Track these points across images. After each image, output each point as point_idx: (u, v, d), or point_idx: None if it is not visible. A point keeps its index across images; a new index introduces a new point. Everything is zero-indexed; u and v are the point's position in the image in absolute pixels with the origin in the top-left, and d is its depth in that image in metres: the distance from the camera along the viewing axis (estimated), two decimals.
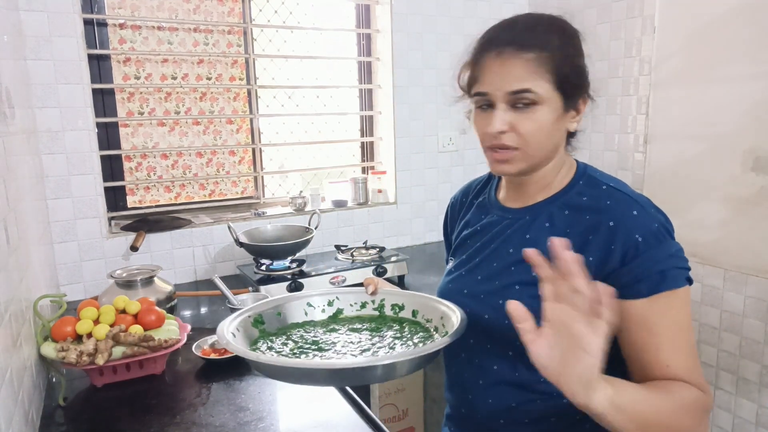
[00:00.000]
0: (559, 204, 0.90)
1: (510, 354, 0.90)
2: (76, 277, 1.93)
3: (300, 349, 0.94)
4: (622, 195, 0.85)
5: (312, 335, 0.99)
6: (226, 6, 2.20)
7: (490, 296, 0.92)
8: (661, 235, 0.81)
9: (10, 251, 1.04)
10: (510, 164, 0.87)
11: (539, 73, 0.82)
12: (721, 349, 2.01)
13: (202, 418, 1.11)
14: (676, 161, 2.08)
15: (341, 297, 1.09)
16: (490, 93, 0.84)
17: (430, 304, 1.01)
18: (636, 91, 2.20)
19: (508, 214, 0.96)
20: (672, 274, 0.79)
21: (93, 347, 1.18)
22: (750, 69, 1.82)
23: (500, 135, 0.84)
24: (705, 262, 2.02)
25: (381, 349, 0.93)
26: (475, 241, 1.00)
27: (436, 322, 0.98)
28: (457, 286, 0.99)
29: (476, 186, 1.09)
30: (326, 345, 0.95)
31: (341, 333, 1.00)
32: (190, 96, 2.20)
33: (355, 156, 2.61)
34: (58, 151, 1.85)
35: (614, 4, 2.24)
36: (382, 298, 1.07)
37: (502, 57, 0.83)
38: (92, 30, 1.97)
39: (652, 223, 0.82)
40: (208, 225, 2.14)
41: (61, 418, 1.15)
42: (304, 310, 1.06)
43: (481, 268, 0.96)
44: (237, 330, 0.93)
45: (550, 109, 0.84)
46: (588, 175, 0.92)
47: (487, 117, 0.86)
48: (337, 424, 1.12)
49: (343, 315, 1.07)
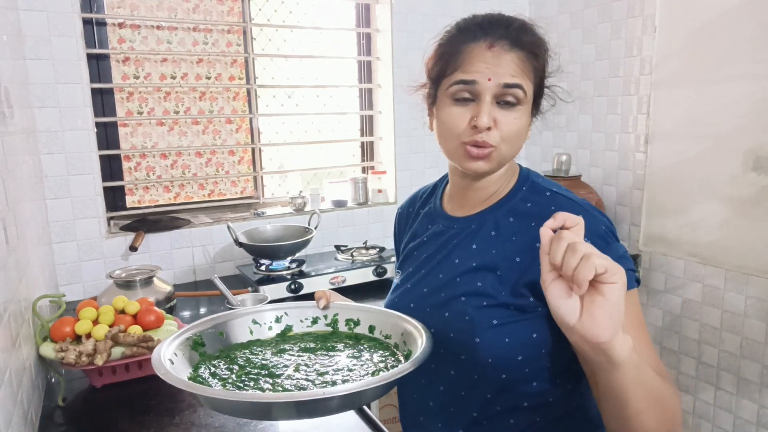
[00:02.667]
0: (504, 211, 0.88)
1: (452, 373, 0.87)
2: (75, 278, 1.93)
3: (247, 375, 0.82)
4: (566, 200, 0.85)
5: (260, 357, 0.88)
6: (226, 5, 2.20)
7: (435, 309, 0.89)
8: (609, 237, 0.81)
9: (9, 251, 1.03)
10: (486, 162, 0.83)
11: (526, 74, 0.82)
12: (722, 350, 2.01)
13: (202, 419, 1.11)
14: (677, 161, 2.08)
15: (290, 312, 1.00)
16: (480, 82, 0.80)
17: (389, 319, 0.93)
18: (637, 91, 2.20)
19: (453, 223, 0.93)
20: None
21: (92, 347, 1.18)
22: (751, 69, 1.82)
23: (486, 131, 0.80)
24: (706, 263, 2.02)
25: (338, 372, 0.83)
26: (422, 252, 0.96)
27: (396, 338, 0.91)
28: (403, 300, 0.96)
29: (422, 195, 1.06)
30: (277, 369, 0.84)
31: (293, 353, 0.90)
32: (190, 95, 2.19)
33: (355, 156, 2.61)
34: (57, 150, 1.85)
35: (615, 4, 2.24)
36: (336, 313, 1.00)
37: (494, 50, 0.80)
38: (91, 29, 1.97)
39: (598, 226, 0.81)
40: (208, 225, 2.13)
41: (60, 419, 1.15)
42: (249, 328, 0.96)
43: (427, 280, 0.93)
44: (175, 355, 0.82)
45: (527, 111, 0.84)
46: (531, 181, 0.90)
47: (466, 110, 0.81)
48: (336, 424, 1.11)
49: (292, 332, 0.98)
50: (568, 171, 2.27)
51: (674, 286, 2.15)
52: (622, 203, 2.31)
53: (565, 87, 0.88)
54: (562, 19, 2.49)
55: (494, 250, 0.85)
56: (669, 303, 2.18)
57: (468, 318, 0.82)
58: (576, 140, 2.50)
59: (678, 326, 2.16)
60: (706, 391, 2.08)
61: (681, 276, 2.12)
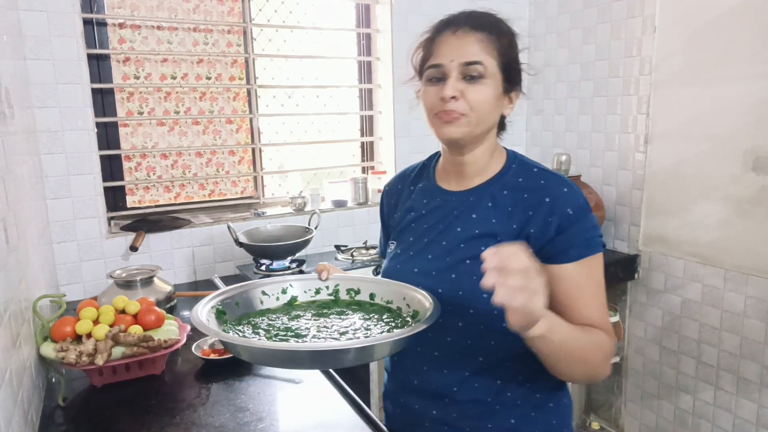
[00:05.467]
0: (498, 186, 1.00)
1: (460, 325, 0.98)
2: (76, 277, 1.93)
3: (276, 336, 0.93)
4: (553, 175, 0.98)
5: (280, 323, 0.98)
6: (226, 5, 2.20)
7: (442, 272, 1.00)
8: (587, 208, 0.95)
9: (10, 251, 1.03)
10: (456, 126, 0.94)
11: (488, 51, 0.93)
12: (722, 349, 2.01)
13: (202, 419, 1.11)
14: (677, 161, 2.08)
15: (294, 284, 1.09)
16: (445, 64, 0.93)
17: (389, 287, 1.04)
18: (636, 91, 2.20)
19: (452, 197, 1.04)
20: (595, 241, 0.93)
21: (92, 347, 1.18)
22: (750, 69, 1.82)
23: (451, 100, 0.92)
24: (705, 262, 2.02)
25: (357, 331, 0.94)
26: (422, 223, 1.06)
27: (398, 303, 1.01)
28: (406, 266, 1.05)
29: (410, 173, 1.16)
30: (301, 331, 0.94)
31: (309, 319, 1.00)
32: (190, 96, 2.19)
33: (355, 156, 2.61)
34: (57, 150, 1.85)
35: (614, 4, 2.24)
36: (337, 284, 1.09)
37: (457, 34, 0.94)
38: (92, 30, 1.97)
39: (579, 198, 0.95)
40: (208, 225, 2.14)
41: (61, 419, 1.15)
42: (259, 299, 1.05)
43: (431, 248, 1.03)
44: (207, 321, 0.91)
45: (494, 85, 0.94)
46: (519, 160, 1.03)
47: (438, 88, 0.94)
48: (337, 424, 1.12)
49: (297, 302, 1.07)
50: (568, 171, 2.27)
51: (674, 285, 2.15)
52: (622, 203, 2.32)
53: (533, 64, 0.99)
54: (562, 19, 2.49)
55: (494, 219, 0.97)
56: (669, 303, 2.18)
57: (475, 278, 0.89)
58: (576, 140, 2.50)
59: (678, 326, 2.16)
60: (706, 391, 2.08)
61: (680, 276, 2.12)
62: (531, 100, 2.72)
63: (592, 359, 0.90)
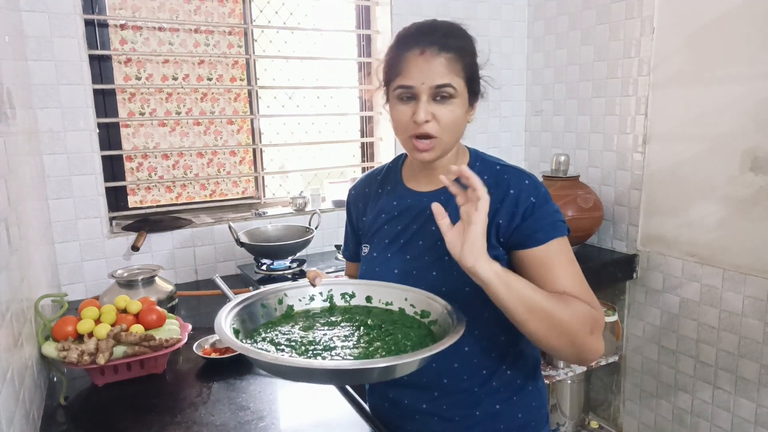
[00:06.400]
0: None
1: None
2: (77, 277, 1.94)
3: (305, 352, 0.90)
4: (514, 169, 1.05)
5: (297, 336, 0.96)
6: (227, 7, 2.21)
7: (422, 271, 1.05)
8: (547, 196, 1.02)
9: (12, 251, 1.04)
10: (431, 153, 1.01)
11: (455, 71, 0.98)
12: (720, 349, 2.02)
13: (203, 418, 1.12)
14: (675, 161, 2.09)
15: (289, 293, 1.08)
16: (416, 87, 0.97)
17: (383, 289, 1.06)
18: (635, 92, 2.20)
19: (423, 197, 1.09)
20: (558, 225, 0.99)
21: (94, 347, 1.19)
22: (749, 69, 1.83)
23: (424, 124, 0.97)
24: (704, 262, 2.03)
25: (389, 338, 0.94)
26: (395, 225, 1.11)
27: (399, 304, 1.04)
28: (386, 267, 1.09)
29: (377, 176, 1.22)
30: (327, 343, 0.92)
31: (321, 329, 0.98)
32: (191, 96, 2.20)
33: (356, 156, 2.62)
34: (59, 151, 1.86)
35: (613, 5, 2.25)
36: (329, 289, 1.10)
37: (425, 55, 0.97)
38: (93, 30, 1.98)
39: (540, 188, 1.02)
40: (209, 225, 2.14)
41: (62, 418, 1.16)
42: (260, 312, 1.03)
43: (408, 248, 1.08)
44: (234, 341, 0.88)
45: (462, 103, 1.00)
46: (481, 158, 1.10)
47: (408, 108, 0.99)
48: (337, 423, 1.12)
49: (294, 311, 1.07)
50: (567, 171, 2.27)
51: (672, 285, 2.16)
52: (621, 203, 2.32)
53: (491, 75, 1.07)
54: (561, 20, 2.50)
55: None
56: (667, 302, 2.19)
57: (456, 273, 0.94)
58: (574, 141, 2.50)
59: (676, 325, 2.16)
60: (705, 390, 2.09)
61: (679, 275, 2.13)
62: (530, 101, 2.73)
63: (569, 326, 0.90)
